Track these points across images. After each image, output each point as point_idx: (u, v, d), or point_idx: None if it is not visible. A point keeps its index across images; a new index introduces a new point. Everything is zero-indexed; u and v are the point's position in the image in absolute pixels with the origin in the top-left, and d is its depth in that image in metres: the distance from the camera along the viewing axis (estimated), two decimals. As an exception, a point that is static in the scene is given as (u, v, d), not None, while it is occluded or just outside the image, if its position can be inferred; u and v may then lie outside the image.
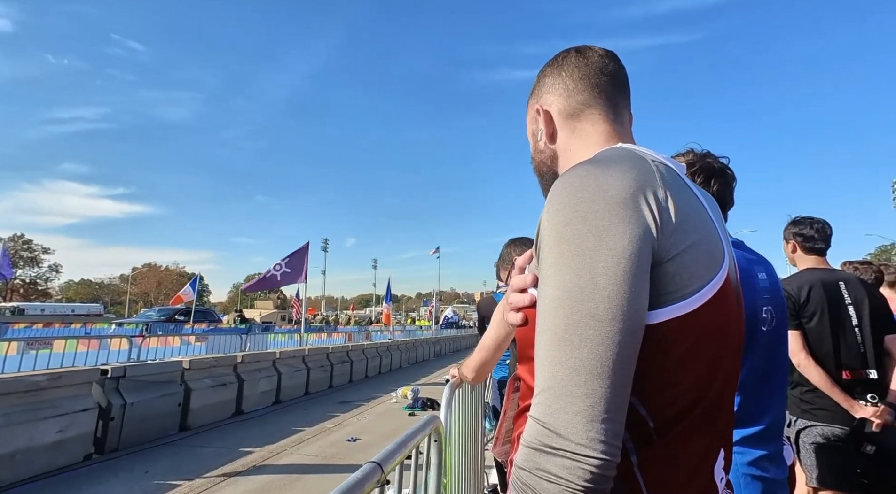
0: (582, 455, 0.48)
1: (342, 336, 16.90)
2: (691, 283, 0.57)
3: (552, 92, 0.79)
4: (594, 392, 0.50)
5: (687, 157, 1.46)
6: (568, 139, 0.78)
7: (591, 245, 0.54)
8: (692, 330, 0.57)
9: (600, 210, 0.55)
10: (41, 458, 4.58)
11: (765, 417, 1.24)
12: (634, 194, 0.56)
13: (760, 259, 1.41)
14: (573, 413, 0.50)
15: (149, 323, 21.44)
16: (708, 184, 1.41)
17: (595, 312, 0.52)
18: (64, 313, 35.77)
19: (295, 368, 9.50)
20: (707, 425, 0.60)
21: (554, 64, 0.81)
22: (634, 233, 0.54)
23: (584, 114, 0.76)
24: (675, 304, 0.56)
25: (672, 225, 0.56)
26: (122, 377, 5.75)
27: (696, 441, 0.59)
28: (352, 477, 0.83)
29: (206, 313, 28.49)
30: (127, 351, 8.58)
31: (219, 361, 7.62)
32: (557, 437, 0.49)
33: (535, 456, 0.50)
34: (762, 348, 1.26)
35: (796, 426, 2.19)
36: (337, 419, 7.44)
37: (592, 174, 0.58)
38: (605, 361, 0.50)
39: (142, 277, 72.08)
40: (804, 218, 2.36)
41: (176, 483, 4.49)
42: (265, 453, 5.52)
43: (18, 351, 7.00)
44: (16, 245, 60.96)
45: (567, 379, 0.51)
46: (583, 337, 0.51)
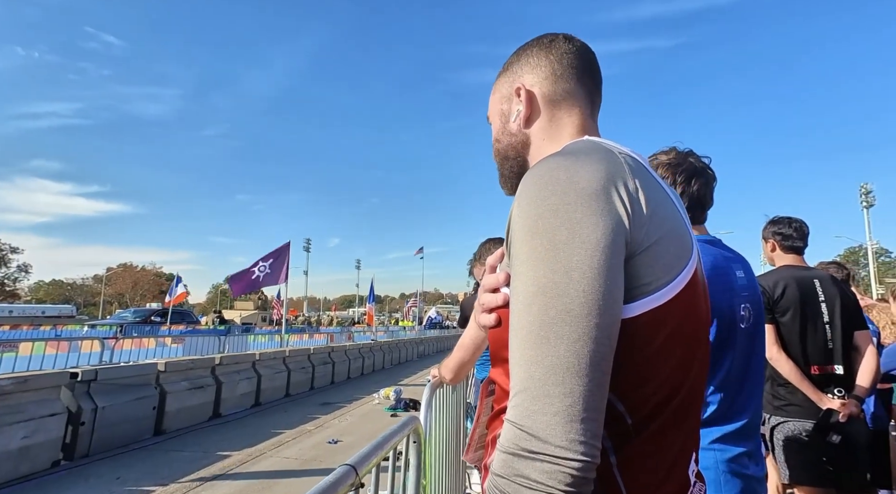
0: (563, 458, 0.46)
1: (324, 337, 16.72)
2: (664, 274, 0.56)
3: (536, 73, 0.75)
4: (573, 391, 0.48)
5: (669, 155, 1.47)
6: (545, 126, 0.75)
7: (564, 238, 0.52)
8: (667, 323, 0.56)
9: (572, 202, 0.53)
10: (5, 465, 4.38)
11: (744, 414, 1.25)
12: (606, 186, 0.55)
13: (738, 257, 1.42)
14: (551, 414, 0.47)
15: (123, 324, 20.81)
16: (689, 182, 1.42)
17: (571, 308, 0.50)
18: (33, 315, 34.48)
19: (275, 370, 9.34)
20: (683, 419, 0.59)
21: (540, 44, 0.77)
22: (607, 225, 0.53)
23: (564, 103, 0.74)
24: (649, 296, 0.55)
25: (644, 216, 0.56)
26: (94, 380, 5.55)
27: (673, 436, 0.58)
28: (324, 481, 0.80)
29: (183, 314, 27.80)
30: (99, 354, 8.31)
31: (196, 363, 7.43)
32: (536, 441, 0.47)
33: (514, 462, 0.48)
34: (741, 345, 1.28)
35: (770, 423, 2.23)
36: (318, 421, 7.33)
37: (562, 166, 0.56)
38: (582, 358, 0.48)
39: (117, 277, 70.04)
40: (783, 217, 2.41)
41: (149, 488, 4.36)
42: (243, 456, 5.40)
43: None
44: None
45: (544, 379, 0.48)
46: (559, 333, 0.49)
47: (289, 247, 12.67)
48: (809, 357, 2.17)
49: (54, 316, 34.70)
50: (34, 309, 40.19)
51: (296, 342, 14.28)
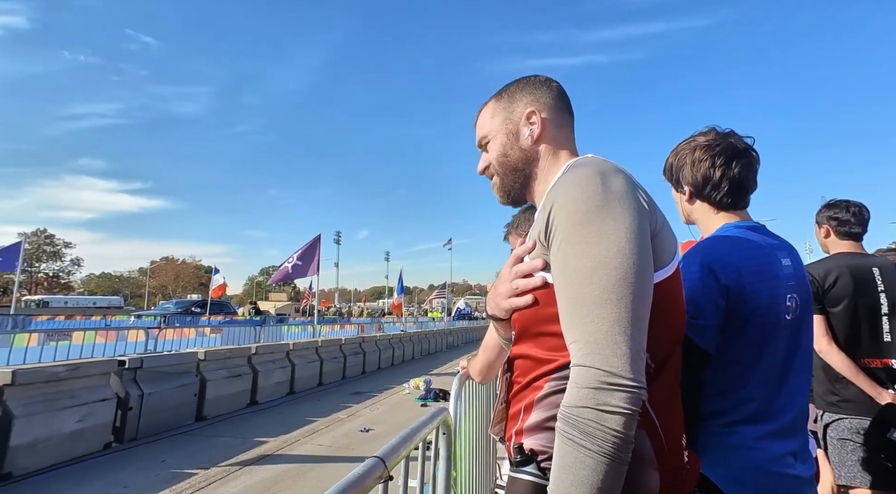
0: (633, 387, 0.62)
1: (355, 327, 17.03)
2: (668, 255, 0.76)
3: (542, 103, 0.93)
4: (633, 337, 0.64)
5: (708, 137, 1.38)
6: (550, 145, 0.93)
7: (612, 226, 0.68)
8: (669, 291, 0.76)
9: (612, 200, 0.70)
10: (61, 447, 4.68)
11: (789, 410, 1.17)
12: (631, 188, 0.73)
13: (783, 244, 1.33)
14: (621, 355, 0.63)
15: (166, 315, 21.85)
16: (729, 164, 1.32)
17: (626, 276, 0.66)
18: (86, 305, 36.67)
19: (308, 359, 9.59)
20: (676, 369, 0.80)
21: (538, 82, 0.96)
22: (639, 215, 0.71)
23: (563, 129, 0.94)
24: (662, 269, 0.74)
25: (652, 211, 0.75)
26: (140, 368, 5.85)
27: (673, 380, 0.79)
28: (353, 473, 0.79)
29: (221, 305, 28.91)
30: (144, 343, 8.74)
31: (233, 352, 7.71)
32: (615, 376, 0.62)
33: (597, 395, 0.62)
34: (785, 338, 1.19)
35: (823, 420, 2.10)
36: (350, 409, 7.49)
37: (596, 174, 0.73)
38: (637, 313, 0.65)
39: (159, 270, 73.49)
40: (839, 201, 2.24)
41: (192, 471, 4.56)
42: (279, 443, 5.57)
43: (39, 342, 7.17)
44: (38, 239, 62.55)
45: (611, 330, 0.64)
46: (620, 295, 0.65)
47: (319, 240, 12.93)
48: (864, 350, 2.03)
49: (104, 307, 36.82)
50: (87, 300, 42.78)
51: (328, 332, 14.61)
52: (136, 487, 4.15)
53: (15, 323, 14.32)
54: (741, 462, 1.06)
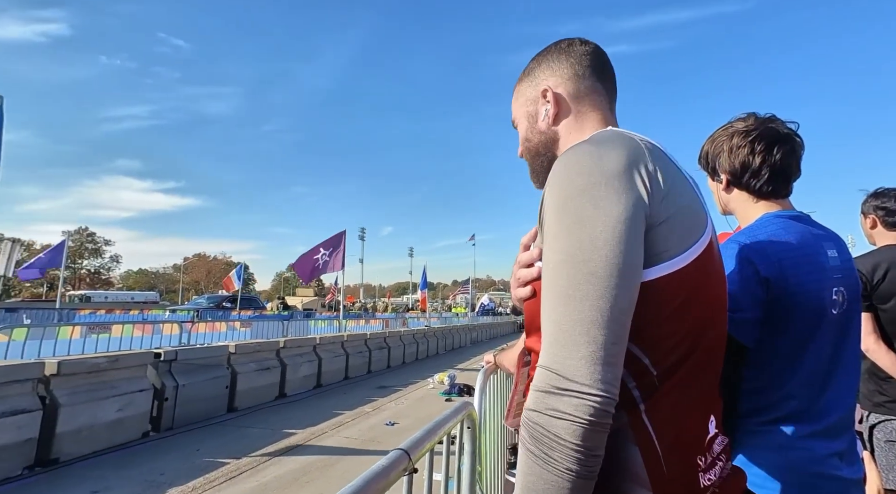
0: (587, 393, 0.55)
1: (380, 322, 17.23)
2: (679, 244, 0.65)
3: (560, 74, 0.85)
4: (595, 339, 0.57)
5: (747, 122, 1.31)
6: (571, 121, 0.84)
7: (590, 213, 0.61)
8: (683, 286, 0.64)
9: (597, 182, 0.62)
10: (103, 435, 4.91)
11: (834, 410, 1.11)
12: (629, 167, 0.64)
13: (830, 234, 1.25)
14: (577, 358, 0.57)
15: (199, 309, 22.61)
16: (770, 151, 1.25)
17: (595, 270, 0.59)
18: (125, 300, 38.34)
19: (334, 353, 9.75)
20: (701, 375, 0.67)
21: (558, 50, 0.86)
22: (628, 200, 0.62)
23: (587, 99, 0.83)
24: (667, 262, 0.64)
25: (661, 193, 0.64)
26: (174, 360, 6.06)
27: (692, 389, 0.66)
28: (377, 465, 0.79)
29: (251, 300, 29.78)
30: (178, 336, 9.07)
31: (262, 346, 7.90)
32: (566, 380, 0.56)
33: (546, 398, 0.57)
34: (831, 333, 1.13)
35: (869, 421, 1.99)
36: (375, 403, 7.58)
37: (589, 151, 0.65)
38: (604, 313, 0.58)
39: (192, 267, 76.17)
40: (887, 189, 2.11)
41: (224, 460, 4.71)
42: (307, 435, 5.69)
43: (82, 335, 7.54)
44: (81, 237, 65.71)
45: (571, 330, 0.58)
46: (585, 292, 0.58)
47: (344, 235, 13.10)
48: None
49: (141, 302, 38.42)
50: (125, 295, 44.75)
51: (353, 327, 14.84)
52: (173, 474, 4.32)
53: (60, 316, 15.12)
54: (781, 461, 1.02)
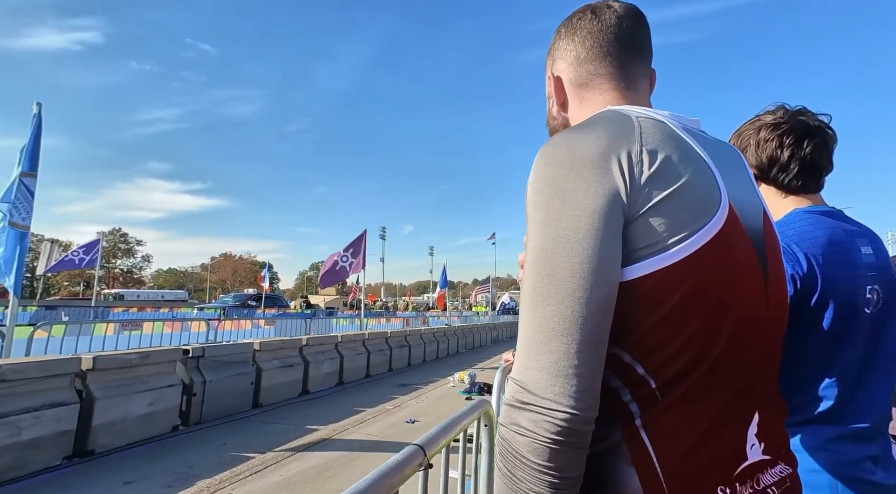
0: (548, 409, 0.50)
1: (400, 321, 17.35)
2: (673, 234, 0.55)
3: (564, 58, 0.78)
4: (557, 349, 0.51)
5: (775, 115, 1.27)
6: (577, 108, 0.77)
7: (557, 208, 0.55)
8: (680, 283, 0.55)
9: (566, 172, 0.56)
10: (135, 428, 5.10)
11: (868, 412, 1.07)
12: (604, 153, 0.56)
13: (864, 230, 1.20)
14: (538, 369, 0.52)
15: (225, 307, 23.21)
16: (799, 144, 1.22)
17: (555, 271, 0.53)
18: (155, 299, 39.65)
19: (356, 351, 9.87)
20: (723, 387, 0.57)
21: (568, 25, 0.78)
22: (599, 191, 0.54)
23: (593, 84, 0.75)
24: (655, 257, 0.55)
25: (644, 179, 0.56)
26: (202, 357, 6.24)
27: (706, 404, 0.56)
28: (392, 459, 0.80)
29: (275, 299, 30.38)
30: (205, 333, 9.34)
31: (286, 344, 8.06)
32: (527, 393, 0.52)
33: (511, 412, 0.53)
34: (864, 332, 1.09)
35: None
36: (396, 401, 7.65)
37: (566, 139, 0.59)
38: (566, 319, 0.52)
39: (219, 266, 78.23)
40: None
41: (250, 455, 4.83)
42: (329, 431, 5.79)
43: (115, 332, 7.84)
44: (115, 238, 68.28)
45: (534, 338, 0.53)
46: (546, 296, 0.53)
47: (365, 235, 13.24)
48: None
49: (171, 300, 39.64)
50: (156, 293, 46.29)
51: (374, 325, 15.01)
52: (201, 467, 4.45)
53: (95, 314, 15.76)
54: (811, 464, 1.00)
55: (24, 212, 4.96)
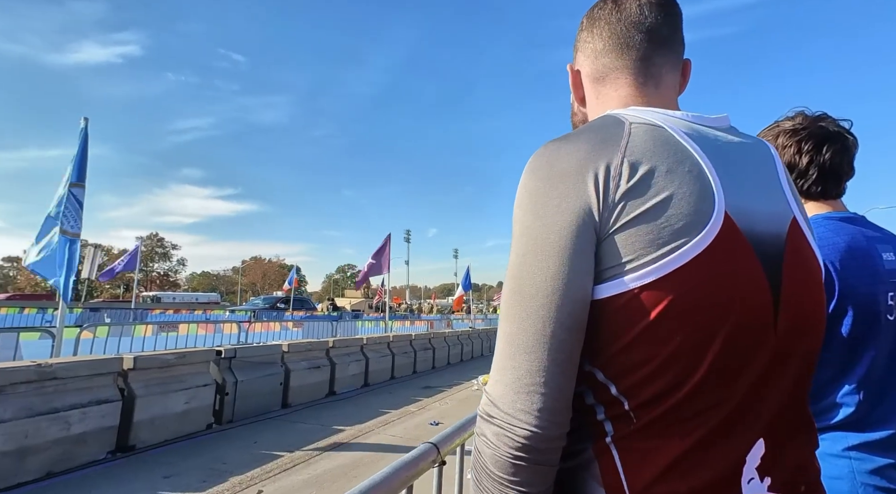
0: (509, 424, 0.51)
1: (425, 324, 17.46)
2: (648, 252, 0.52)
3: (584, 51, 0.75)
4: (520, 365, 0.52)
5: (794, 121, 1.28)
6: (593, 104, 0.74)
7: (530, 222, 0.55)
8: (654, 304, 0.51)
9: (543, 187, 0.56)
10: (173, 425, 5.35)
11: (891, 419, 1.07)
12: (581, 166, 0.55)
13: (886, 236, 1.20)
14: (503, 384, 0.53)
15: (255, 310, 23.85)
16: (819, 150, 1.22)
17: (521, 288, 0.54)
18: (190, 301, 41.09)
19: (381, 353, 10.02)
20: (706, 410, 0.53)
21: (590, 16, 0.74)
22: (570, 206, 0.54)
23: (609, 78, 0.71)
24: (626, 276, 0.52)
25: (619, 194, 0.53)
26: (234, 357, 6.49)
27: (689, 427, 0.52)
28: (408, 455, 0.87)
29: (303, 301, 31.07)
30: (237, 335, 9.67)
31: (313, 345, 8.26)
32: (493, 407, 0.53)
33: (480, 422, 0.55)
34: (887, 339, 1.09)
35: None
36: (420, 403, 7.73)
37: (549, 151, 0.58)
38: (530, 336, 0.52)
39: (249, 269, 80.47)
40: None
41: (279, 453, 4.99)
42: (355, 431, 5.91)
43: (153, 333, 8.23)
44: (152, 242, 71.21)
45: (502, 353, 0.54)
46: (511, 312, 0.54)
47: (389, 239, 13.43)
48: None
49: (204, 303, 40.99)
50: (190, 296, 47.97)
51: (399, 328, 15.17)
52: (234, 464, 4.64)
53: (135, 315, 16.52)
54: (832, 471, 1.00)
55: (73, 220, 5.31)
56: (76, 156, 5.56)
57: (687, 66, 0.74)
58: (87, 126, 5.69)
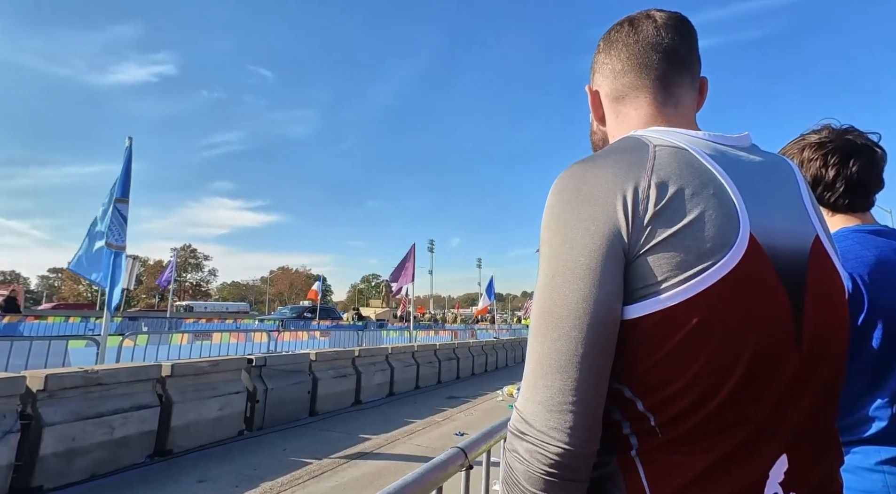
0: (542, 442, 0.53)
1: (449, 333, 17.46)
2: (676, 274, 0.54)
3: (601, 71, 0.77)
4: (552, 384, 0.54)
5: (820, 134, 1.29)
6: (613, 124, 0.76)
7: (559, 244, 0.57)
8: (681, 324, 0.53)
9: (571, 210, 0.57)
10: (207, 431, 5.53)
11: None
12: (610, 189, 0.56)
13: None
14: (536, 402, 0.54)
15: (283, 319, 24.34)
16: (846, 163, 1.23)
17: (552, 309, 0.55)
18: (220, 311, 42.29)
19: (406, 363, 10.07)
20: (730, 426, 0.54)
21: (607, 39, 0.77)
22: (599, 229, 0.55)
23: (629, 98, 0.73)
24: (655, 297, 0.54)
25: (648, 217, 0.55)
26: (264, 366, 6.66)
27: (713, 442, 0.54)
28: (437, 459, 0.92)
29: (329, 311, 31.51)
30: (266, 344, 9.93)
31: (339, 354, 8.40)
32: (525, 424, 0.55)
33: (511, 438, 0.57)
34: None
35: None
36: (445, 413, 7.74)
37: (576, 174, 0.60)
38: (562, 355, 0.54)
39: (277, 279, 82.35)
40: None
41: (307, 460, 5.10)
42: (381, 441, 5.97)
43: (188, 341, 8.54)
44: (185, 253, 73.86)
45: (533, 371, 0.56)
46: (543, 332, 0.56)
47: (414, 249, 13.57)
48: None
49: (234, 312, 42.12)
50: (221, 305, 49.39)
51: (423, 338, 15.23)
52: (264, 470, 4.76)
53: (170, 324, 17.15)
54: (864, 485, 0.99)
55: (117, 234, 5.62)
56: (121, 173, 5.91)
57: (704, 83, 0.76)
58: (132, 144, 6.04)
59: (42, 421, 4.03)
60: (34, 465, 3.92)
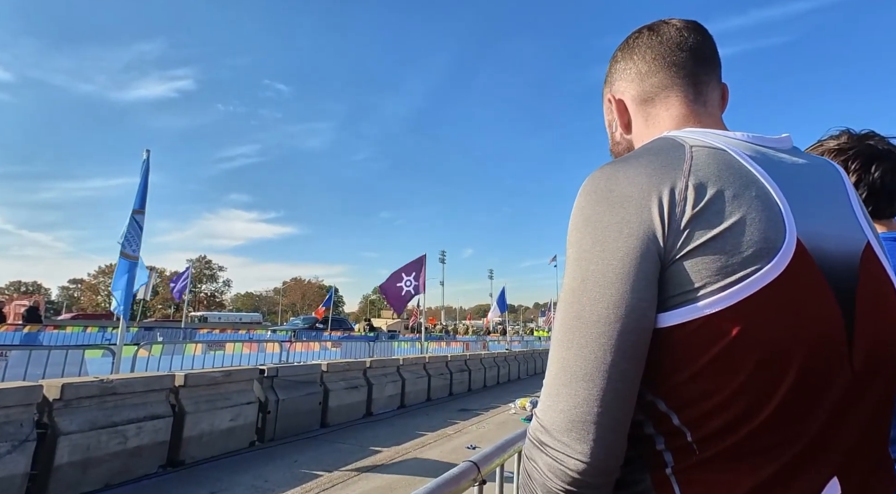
0: (563, 454, 0.50)
1: (460, 345, 17.36)
2: (717, 280, 0.50)
3: (624, 77, 0.74)
4: (577, 393, 0.50)
5: (839, 140, 1.26)
6: (642, 127, 0.73)
7: (589, 247, 0.54)
8: (722, 334, 0.49)
9: (602, 210, 0.54)
10: (219, 441, 5.54)
11: None
12: (644, 190, 0.53)
13: None
14: (558, 411, 0.51)
15: (295, 330, 24.46)
16: (867, 169, 1.20)
17: (581, 314, 0.52)
18: (234, 321, 42.72)
19: (417, 374, 10.01)
20: (773, 445, 0.50)
21: (625, 47, 0.75)
22: (634, 232, 0.52)
23: (659, 98, 0.71)
24: (693, 304, 0.50)
25: (685, 220, 0.51)
26: (276, 376, 6.67)
27: (755, 462, 0.50)
28: (448, 473, 0.90)
29: (340, 322, 31.61)
30: (278, 354, 9.97)
31: (351, 365, 8.38)
32: (545, 433, 0.52)
33: (530, 448, 0.54)
34: None
35: None
36: (457, 426, 7.64)
37: (607, 174, 0.57)
38: (589, 363, 0.50)
39: (290, 290, 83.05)
40: None
41: (318, 473, 5.06)
42: (392, 453, 5.91)
43: (202, 351, 8.62)
44: (200, 264, 75.00)
45: (556, 379, 0.52)
46: (570, 338, 0.52)
47: (424, 259, 13.56)
48: None
49: (248, 322, 42.50)
50: (235, 316, 49.93)
51: (434, 349, 15.16)
52: (275, 482, 4.74)
53: (185, 335, 17.34)
54: None
55: (134, 245, 5.73)
56: (139, 185, 6.04)
57: (725, 89, 0.75)
58: (149, 157, 6.18)
59: (58, 430, 4.07)
60: (49, 474, 3.96)
